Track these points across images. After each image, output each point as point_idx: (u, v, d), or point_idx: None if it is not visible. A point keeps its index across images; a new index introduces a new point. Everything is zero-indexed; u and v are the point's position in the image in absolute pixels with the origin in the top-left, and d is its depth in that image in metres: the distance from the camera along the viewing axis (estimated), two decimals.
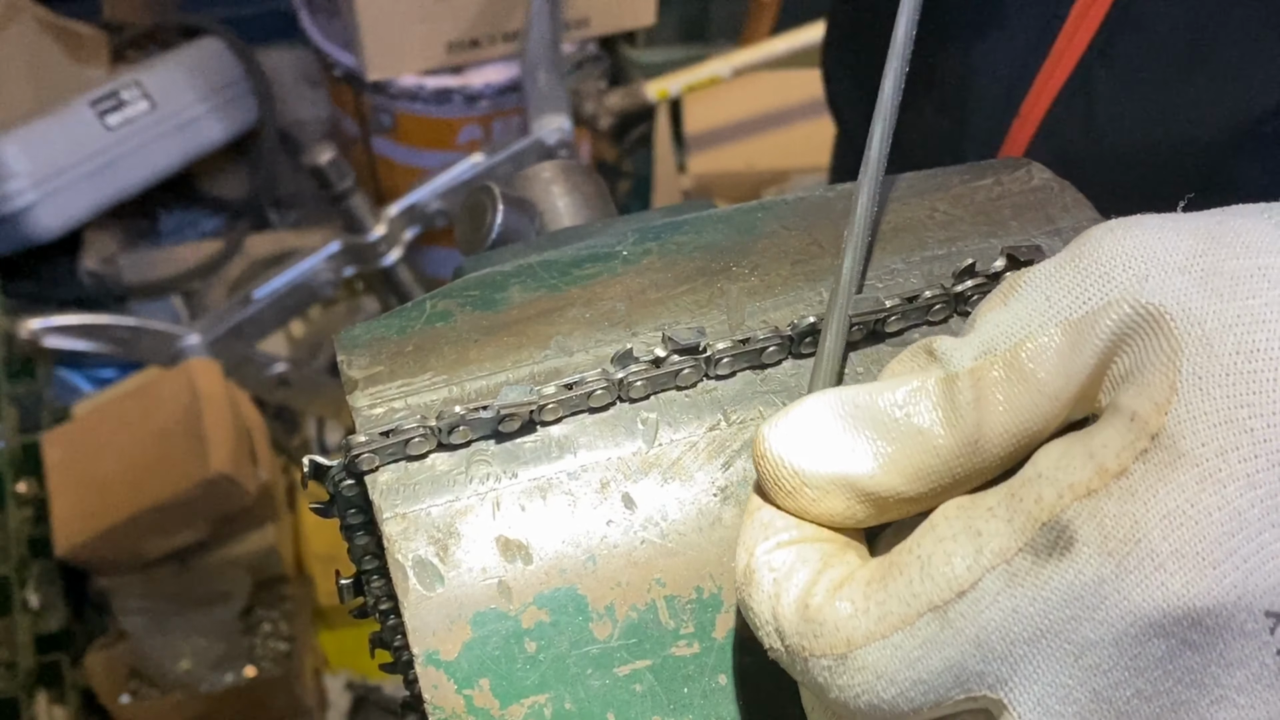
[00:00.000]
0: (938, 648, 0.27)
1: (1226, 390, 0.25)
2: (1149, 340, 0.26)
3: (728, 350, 0.35)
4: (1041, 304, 0.28)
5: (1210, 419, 0.25)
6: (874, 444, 0.29)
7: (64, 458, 1.33)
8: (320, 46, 1.79)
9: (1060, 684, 0.26)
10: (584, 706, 0.32)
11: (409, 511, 0.33)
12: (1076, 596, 0.26)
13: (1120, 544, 0.26)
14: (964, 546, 0.27)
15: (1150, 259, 0.27)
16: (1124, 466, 0.26)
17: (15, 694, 1.29)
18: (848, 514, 0.29)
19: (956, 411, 0.28)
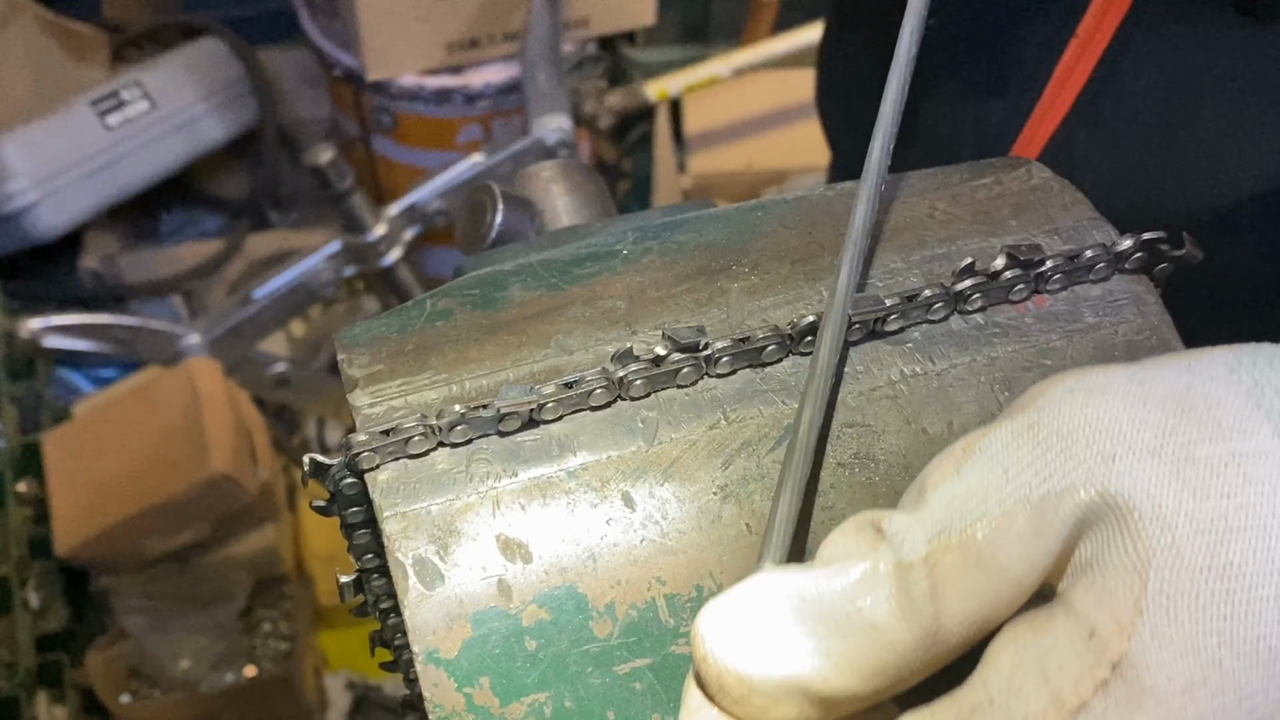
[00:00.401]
0: None
1: (1195, 615, 0.24)
2: (1115, 536, 0.25)
3: (727, 349, 0.35)
4: (999, 478, 0.26)
5: (1177, 647, 0.24)
6: (825, 641, 0.27)
7: (64, 457, 1.33)
8: (320, 46, 1.79)
9: None
10: (584, 705, 0.32)
11: (409, 510, 0.33)
12: None
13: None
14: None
15: (1117, 436, 0.25)
16: (1083, 699, 0.24)
17: (15, 694, 1.29)
18: (798, 718, 0.27)
19: (912, 603, 0.26)
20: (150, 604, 1.38)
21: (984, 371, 0.36)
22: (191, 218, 2.00)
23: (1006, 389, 0.36)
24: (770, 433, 0.34)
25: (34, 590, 1.33)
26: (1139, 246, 0.38)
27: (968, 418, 0.35)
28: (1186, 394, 0.26)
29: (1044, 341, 0.37)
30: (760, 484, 0.34)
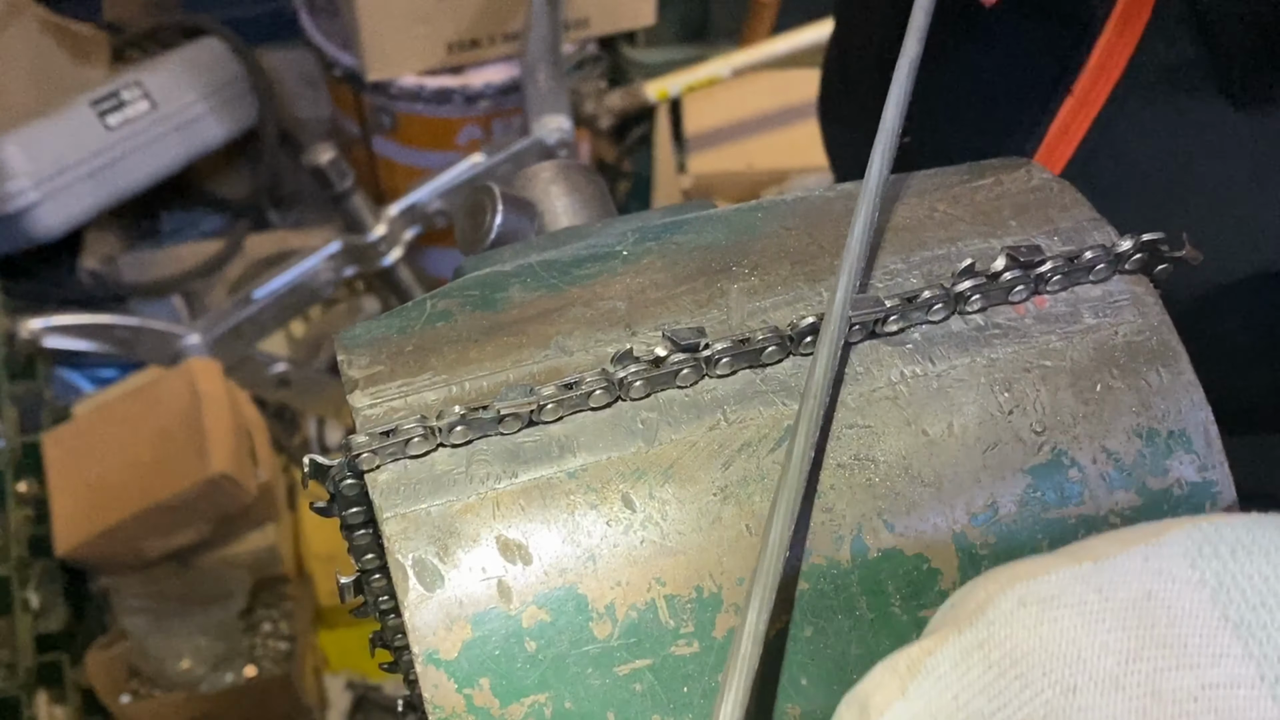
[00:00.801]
0: None
1: None
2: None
3: (727, 350, 0.35)
4: (949, 704, 0.25)
5: None
6: None
7: (64, 457, 1.33)
8: (320, 46, 1.79)
9: None
10: (584, 706, 0.32)
11: (409, 511, 0.33)
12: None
13: None
14: None
15: (1077, 663, 0.23)
16: None
17: (15, 694, 1.29)
18: None
19: None
20: (150, 604, 1.38)
21: (984, 372, 0.36)
22: (191, 218, 2.00)
23: (1006, 389, 0.36)
24: (770, 434, 0.34)
25: (34, 590, 1.33)
26: (1139, 248, 0.38)
27: (968, 419, 0.35)
28: (1148, 604, 0.24)
29: (1044, 342, 0.37)
30: (760, 485, 0.34)
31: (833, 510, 0.34)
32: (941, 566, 0.34)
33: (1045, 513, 0.35)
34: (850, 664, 0.33)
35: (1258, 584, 0.24)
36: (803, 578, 0.33)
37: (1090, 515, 0.35)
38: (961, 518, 0.34)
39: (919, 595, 0.34)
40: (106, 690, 1.37)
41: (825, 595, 0.33)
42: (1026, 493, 0.35)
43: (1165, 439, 0.36)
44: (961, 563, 0.34)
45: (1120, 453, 0.35)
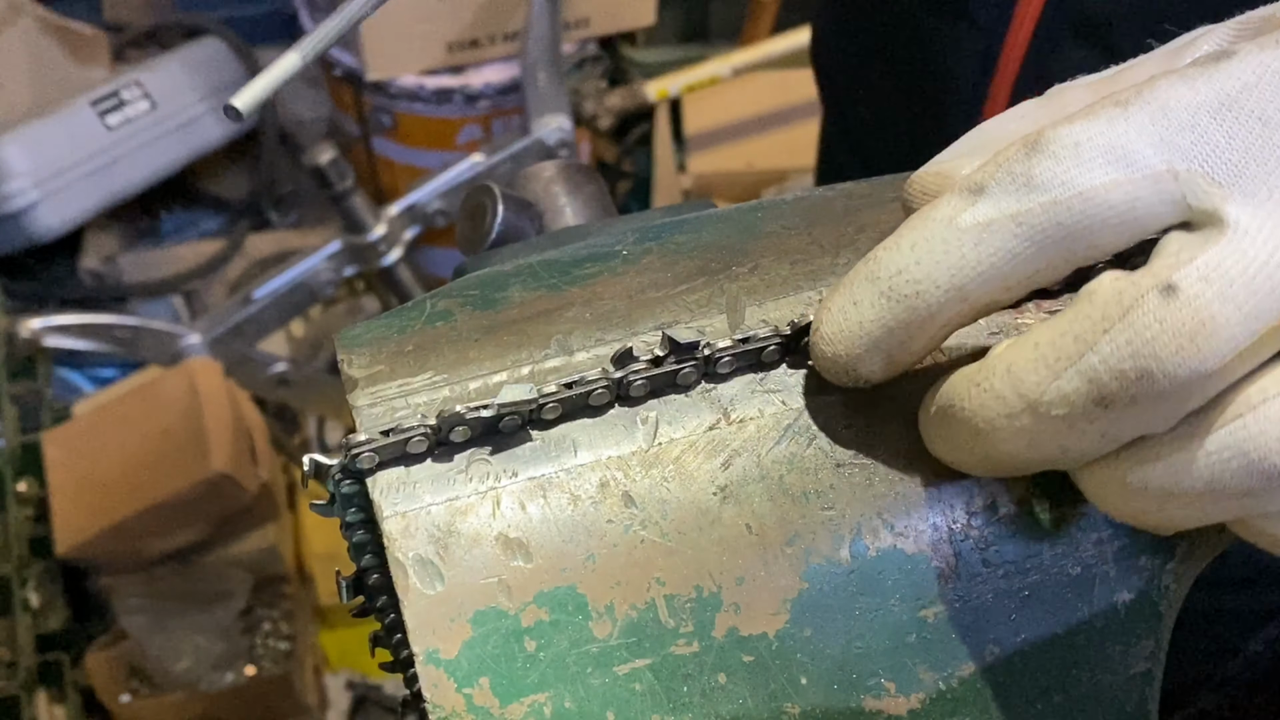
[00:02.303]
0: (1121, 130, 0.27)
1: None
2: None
3: (727, 350, 0.35)
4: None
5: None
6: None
7: (64, 457, 1.33)
8: None
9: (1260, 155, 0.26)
10: (583, 705, 0.32)
11: (409, 510, 0.33)
12: (1249, 74, 0.26)
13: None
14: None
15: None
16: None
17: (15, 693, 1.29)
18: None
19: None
20: (150, 604, 1.38)
21: None
22: (191, 218, 2.00)
23: None
24: (770, 434, 0.34)
25: (34, 590, 1.34)
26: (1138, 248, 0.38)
27: None
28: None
29: None
30: (760, 485, 0.34)
31: (833, 510, 0.34)
32: (941, 566, 0.34)
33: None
34: (850, 664, 0.33)
35: None
36: (803, 578, 0.33)
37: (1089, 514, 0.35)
38: (961, 517, 0.34)
39: (919, 595, 0.34)
40: (106, 690, 1.37)
41: (825, 595, 0.33)
42: (1026, 492, 0.35)
43: None
44: (961, 562, 0.34)
45: None
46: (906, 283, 0.29)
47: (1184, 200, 0.27)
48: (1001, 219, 0.28)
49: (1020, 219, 0.27)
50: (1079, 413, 0.27)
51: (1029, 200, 0.27)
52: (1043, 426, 0.28)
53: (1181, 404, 0.26)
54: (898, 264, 0.29)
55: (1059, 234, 0.27)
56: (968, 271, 0.28)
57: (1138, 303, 0.26)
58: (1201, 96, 0.27)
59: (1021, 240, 0.28)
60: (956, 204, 0.28)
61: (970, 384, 0.29)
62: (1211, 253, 0.26)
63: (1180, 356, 0.25)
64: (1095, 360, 0.26)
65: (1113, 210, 0.27)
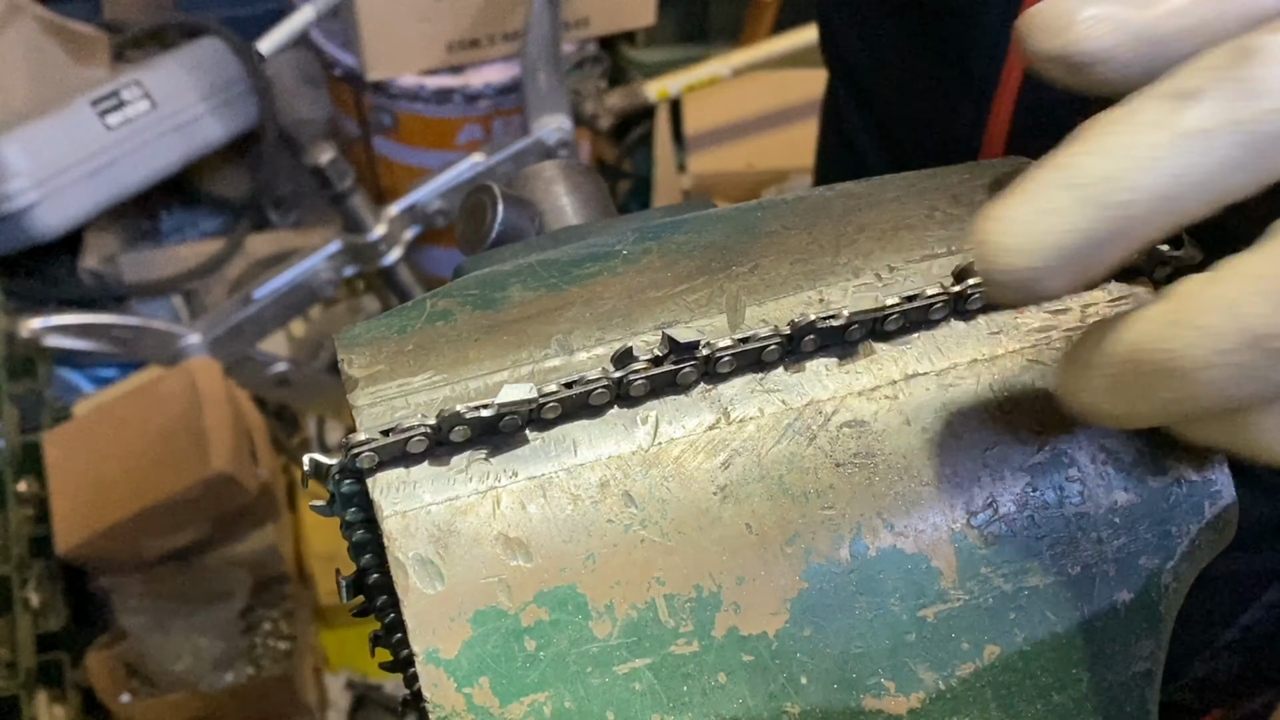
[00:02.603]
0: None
1: None
2: None
3: (727, 349, 0.35)
4: None
5: None
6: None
7: (64, 457, 1.33)
8: (320, 46, 1.79)
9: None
10: (583, 705, 0.32)
11: (409, 510, 0.33)
12: None
13: None
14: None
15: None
16: None
17: (15, 693, 1.29)
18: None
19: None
20: (150, 604, 1.38)
21: (984, 372, 0.36)
22: (191, 218, 2.00)
23: (1006, 389, 0.36)
24: (770, 433, 0.34)
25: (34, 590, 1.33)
26: None
27: (967, 418, 0.35)
28: None
29: (1045, 341, 0.37)
30: (760, 484, 0.34)
31: (833, 509, 0.34)
32: (941, 566, 0.34)
33: (1044, 512, 0.35)
34: (850, 663, 0.33)
35: None
36: (803, 577, 0.33)
37: (1089, 514, 0.35)
38: (961, 517, 0.34)
39: (919, 595, 0.34)
40: (106, 690, 1.37)
41: (825, 595, 0.33)
42: (1025, 492, 0.35)
43: (1165, 436, 0.35)
44: (961, 562, 0.34)
45: (1119, 451, 0.35)
46: (1117, 190, 0.27)
47: None
48: (1224, 124, 0.26)
49: (1243, 125, 0.26)
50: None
51: (1252, 106, 0.26)
52: (1263, 362, 0.26)
53: None
54: (1104, 170, 0.28)
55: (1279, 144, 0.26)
56: (1187, 179, 0.27)
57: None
58: None
59: (1244, 148, 0.26)
60: (1166, 108, 0.27)
61: (1167, 324, 0.28)
62: None
63: None
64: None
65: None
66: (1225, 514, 0.36)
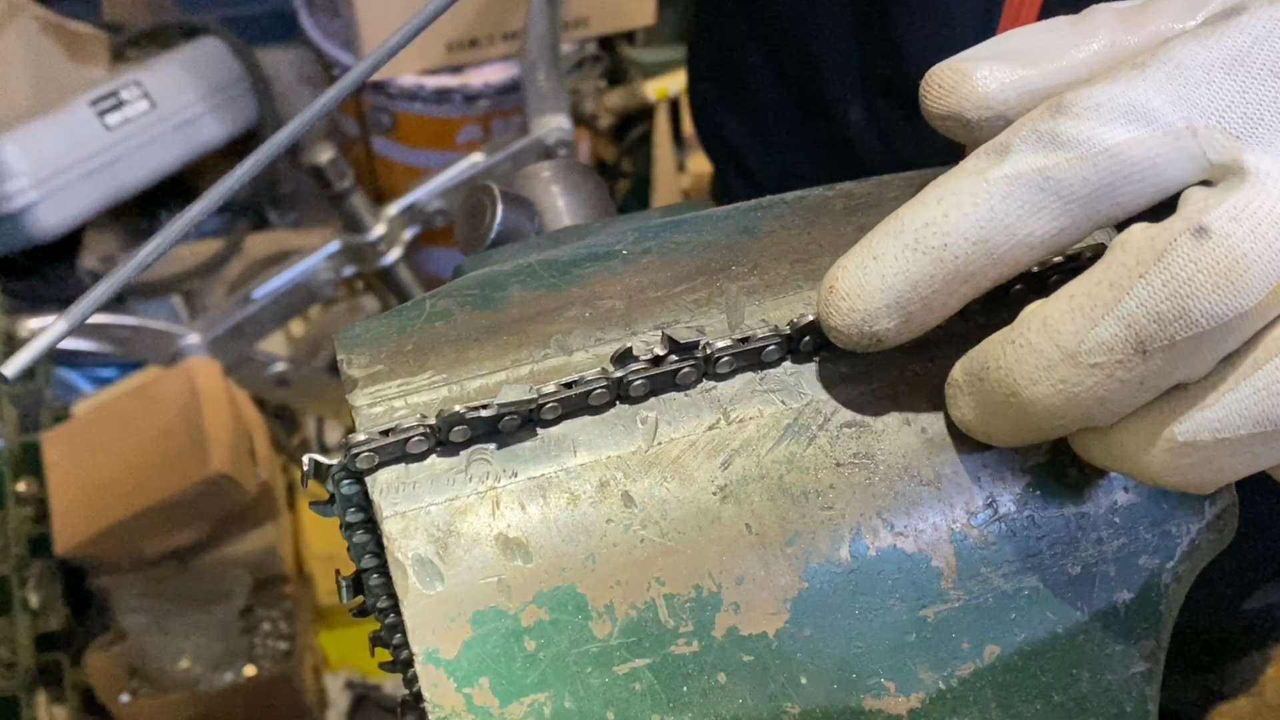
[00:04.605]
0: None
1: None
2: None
3: (727, 349, 0.35)
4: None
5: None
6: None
7: (64, 457, 1.33)
8: (320, 46, 1.79)
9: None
10: (583, 705, 0.32)
11: (409, 510, 0.33)
12: (1259, 28, 0.27)
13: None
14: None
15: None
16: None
17: (15, 693, 1.29)
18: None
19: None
20: (150, 603, 1.38)
21: None
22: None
23: None
24: (770, 433, 0.34)
25: (33, 590, 1.33)
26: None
27: None
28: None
29: None
30: (760, 484, 0.34)
31: (833, 509, 0.34)
32: (941, 566, 0.34)
33: (1044, 512, 0.35)
34: (850, 663, 0.33)
35: None
36: (803, 577, 0.33)
37: (1089, 514, 0.35)
38: (961, 517, 0.34)
39: (919, 594, 0.34)
40: (106, 690, 1.37)
41: (825, 595, 0.33)
42: (1025, 492, 0.35)
43: None
44: (961, 562, 0.34)
45: None
46: (934, 235, 0.29)
47: (1203, 155, 0.27)
48: (1029, 172, 0.28)
49: (1047, 173, 0.28)
50: (1118, 359, 0.27)
51: (1055, 156, 0.28)
52: (1082, 378, 0.28)
53: (1219, 345, 0.27)
54: (924, 217, 0.30)
55: (1084, 189, 0.28)
56: (995, 224, 0.29)
57: (1171, 246, 0.27)
58: (1214, 54, 0.28)
59: (1048, 194, 0.28)
60: (984, 160, 0.29)
61: (1004, 343, 0.30)
62: (1238, 195, 0.26)
63: (1217, 295, 0.26)
64: (1132, 304, 0.27)
65: (1135, 166, 0.28)
66: (1225, 514, 0.36)
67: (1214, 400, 0.28)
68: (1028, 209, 0.28)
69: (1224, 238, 0.26)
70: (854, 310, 0.31)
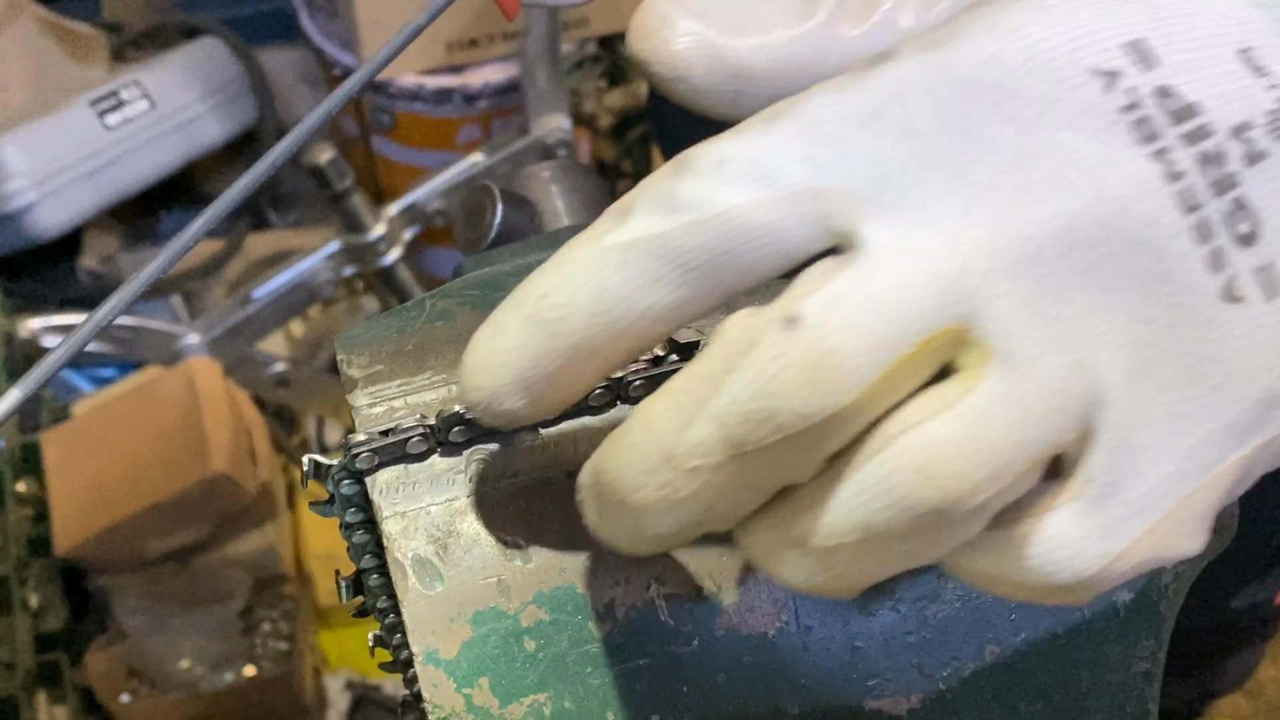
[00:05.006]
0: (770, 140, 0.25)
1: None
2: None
3: None
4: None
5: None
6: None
7: (63, 457, 1.33)
8: (320, 46, 1.79)
9: (888, 158, 0.25)
10: (583, 705, 0.32)
11: (408, 510, 0.33)
12: (900, 80, 0.25)
13: (937, 36, 0.25)
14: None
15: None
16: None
17: (15, 694, 1.29)
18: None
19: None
20: (149, 604, 1.38)
21: None
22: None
23: None
24: None
25: (33, 590, 1.33)
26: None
27: None
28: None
29: None
30: None
31: None
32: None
33: None
34: (850, 663, 0.33)
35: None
36: None
37: None
38: None
39: (919, 595, 0.34)
40: (105, 690, 1.37)
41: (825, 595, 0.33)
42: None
43: None
44: None
45: None
46: (550, 306, 0.26)
47: (828, 221, 0.25)
48: (645, 239, 0.25)
49: (663, 240, 0.25)
50: (715, 463, 0.25)
51: (671, 221, 0.25)
52: (682, 482, 0.25)
53: (819, 444, 0.24)
54: (543, 286, 0.27)
55: (702, 258, 0.25)
56: (611, 296, 0.26)
57: (759, 338, 0.24)
58: (850, 107, 0.25)
59: (664, 263, 0.25)
60: (605, 224, 0.26)
61: (614, 443, 0.27)
62: (841, 278, 0.24)
63: (804, 393, 0.23)
64: (722, 404, 0.24)
65: (755, 232, 0.25)
66: (1224, 515, 0.36)
67: (818, 504, 0.25)
68: (644, 279, 0.25)
69: (813, 329, 0.23)
70: (480, 388, 0.27)
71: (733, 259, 0.25)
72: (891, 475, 0.24)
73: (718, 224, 0.25)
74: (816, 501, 0.25)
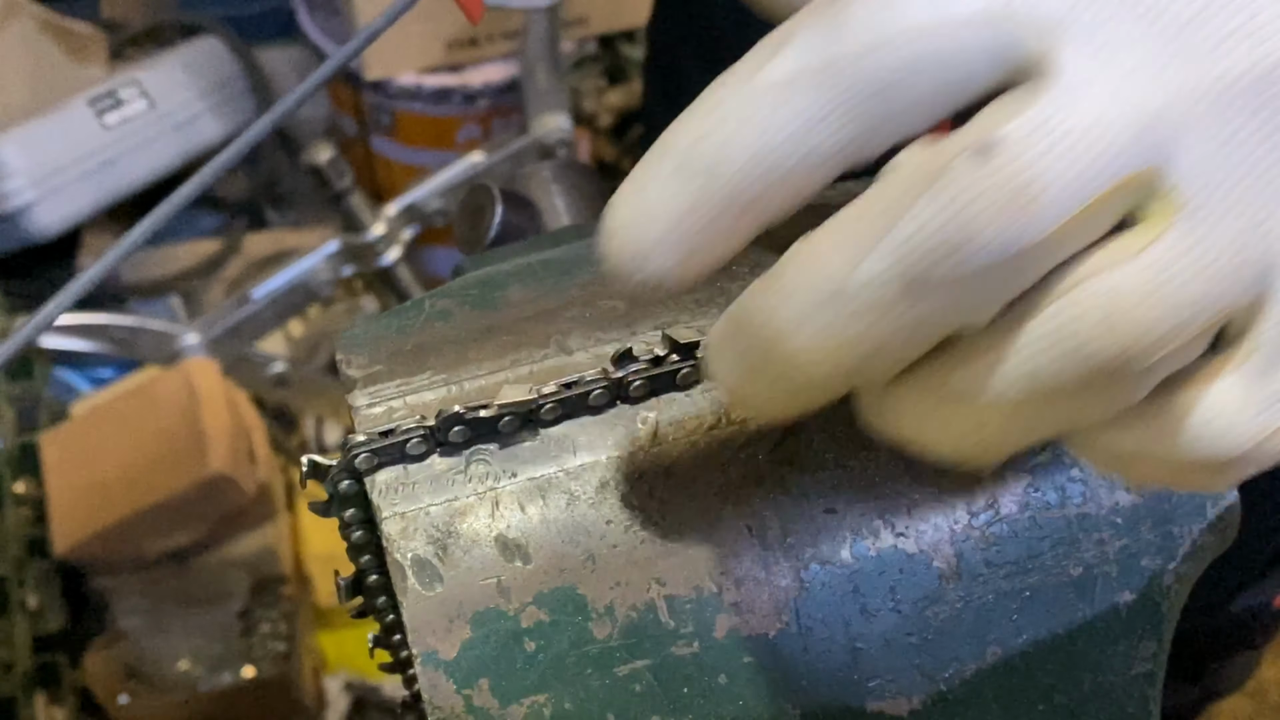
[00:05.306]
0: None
1: None
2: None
3: None
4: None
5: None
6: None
7: (62, 457, 1.33)
8: (320, 45, 1.79)
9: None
10: (583, 706, 0.32)
11: (408, 511, 0.32)
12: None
13: None
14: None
15: None
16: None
17: (13, 694, 1.29)
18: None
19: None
20: (148, 604, 1.38)
21: None
22: (189, 217, 2.00)
23: None
24: (771, 434, 0.34)
25: (32, 591, 1.33)
26: None
27: None
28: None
29: None
30: (761, 485, 0.34)
31: (834, 511, 0.34)
32: (943, 566, 0.34)
33: (1045, 512, 0.35)
34: (851, 665, 0.33)
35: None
36: (803, 578, 0.33)
37: (1090, 515, 0.35)
38: (963, 518, 0.34)
39: (920, 595, 0.34)
40: (104, 691, 1.37)
41: (826, 596, 0.33)
42: (1027, 492, 0.35)
43: None
44: (962, 563, 0.34)
45: None
46: (703, 152, 0.24)
47: (1016, 46, 0.22)
48: (806, 73, 0.23)
49: (828, 71, 0.23)
50: (889, 300, 0.23)
51: (837, 48, 0.23)
52: (848, 323, 0.23)
53: (1002, 285, 0.23)
54: (694, 132, 0.24)
55: (868, 90, 0.23)
56: (771, 137, 0.24)
57: (949, 166, 0.22)
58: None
59: (830, 99, 0.23)
60: (757, 58, 0.24)
61: (765, 284, 0.25)
62: (1038, 106, 0.22)
63: (999, 224, 0.22)
64: (905, 233, 0.22)
65: (934, 59, 0.23)
66: (1227, 514, 0.36)
67: (986, 354, 0.23)
68: (807, 118, 0.23)
69: (1013, 157, 0.22)
70: (624, 247, 0.25)
71: (902, 93, 0.23)
72: (1072, 323, 0.22)
73: (889, 52, 0.23)
74: (986, 349, 0.23)
